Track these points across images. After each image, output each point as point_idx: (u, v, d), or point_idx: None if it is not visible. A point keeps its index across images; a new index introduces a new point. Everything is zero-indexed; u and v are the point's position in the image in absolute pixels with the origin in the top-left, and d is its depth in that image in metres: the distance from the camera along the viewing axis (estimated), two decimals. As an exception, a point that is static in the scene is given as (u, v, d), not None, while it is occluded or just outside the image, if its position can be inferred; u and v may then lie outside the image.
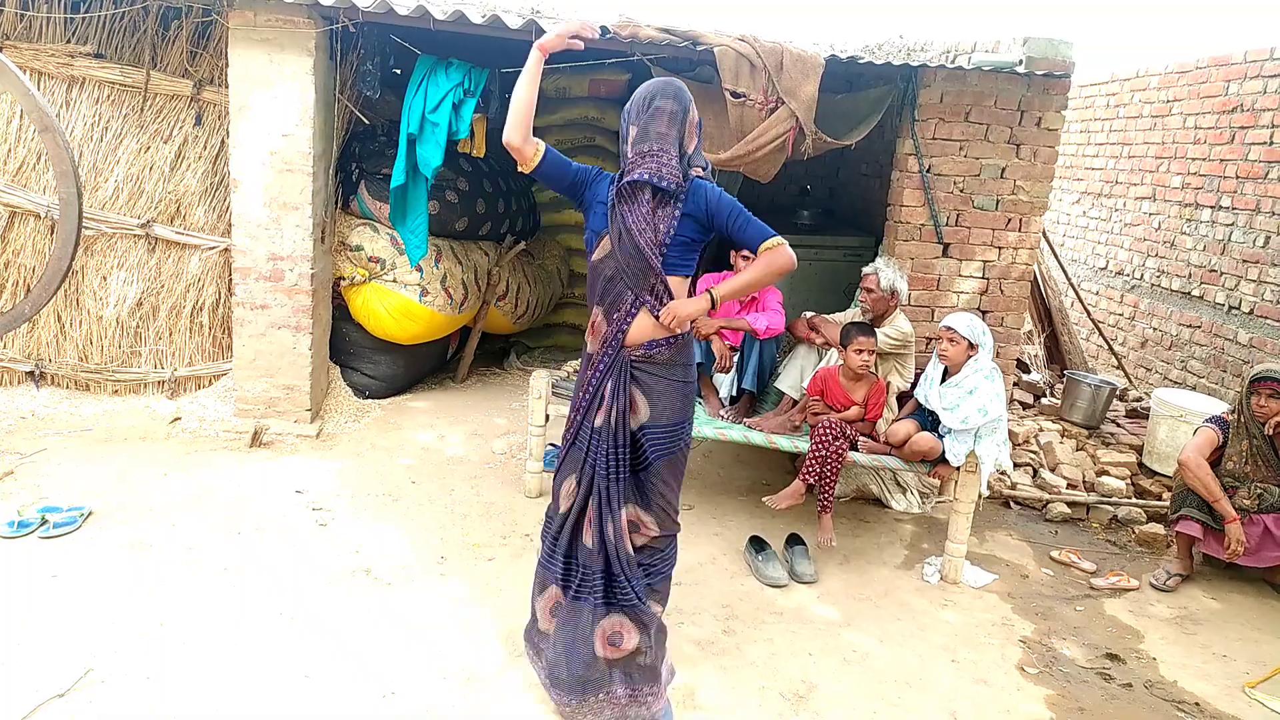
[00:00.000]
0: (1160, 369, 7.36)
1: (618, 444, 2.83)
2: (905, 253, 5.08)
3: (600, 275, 2.86)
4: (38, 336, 5.19)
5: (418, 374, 6.12)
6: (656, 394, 2.85)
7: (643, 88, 2.81)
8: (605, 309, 2.86)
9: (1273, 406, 4.19)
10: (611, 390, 2.83)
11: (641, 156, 2.75)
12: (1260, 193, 6.33)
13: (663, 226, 2.77)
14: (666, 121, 2.75)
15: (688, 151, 2.81)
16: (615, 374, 2.84)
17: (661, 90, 2.78)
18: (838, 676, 3.29)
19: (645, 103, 2.77)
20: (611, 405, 2.83)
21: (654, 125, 2.75)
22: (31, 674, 2.86)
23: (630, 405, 2.84)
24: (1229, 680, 3.55)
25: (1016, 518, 4.95)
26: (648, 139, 2.75)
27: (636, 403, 2.84)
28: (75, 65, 4.93)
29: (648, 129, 2.75)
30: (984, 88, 4.92)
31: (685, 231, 2.79)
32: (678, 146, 2.77)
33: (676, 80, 2.82)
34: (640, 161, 2.75)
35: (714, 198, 2.80)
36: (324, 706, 2.85)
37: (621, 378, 2.83)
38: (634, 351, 2.83)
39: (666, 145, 2.75)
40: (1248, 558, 4.19)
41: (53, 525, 3.75)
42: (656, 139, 2.74)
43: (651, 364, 2.84)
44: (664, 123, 2.75)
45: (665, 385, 2.86)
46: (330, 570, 3.68)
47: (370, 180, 5.42)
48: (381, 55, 5.30)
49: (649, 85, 2.81)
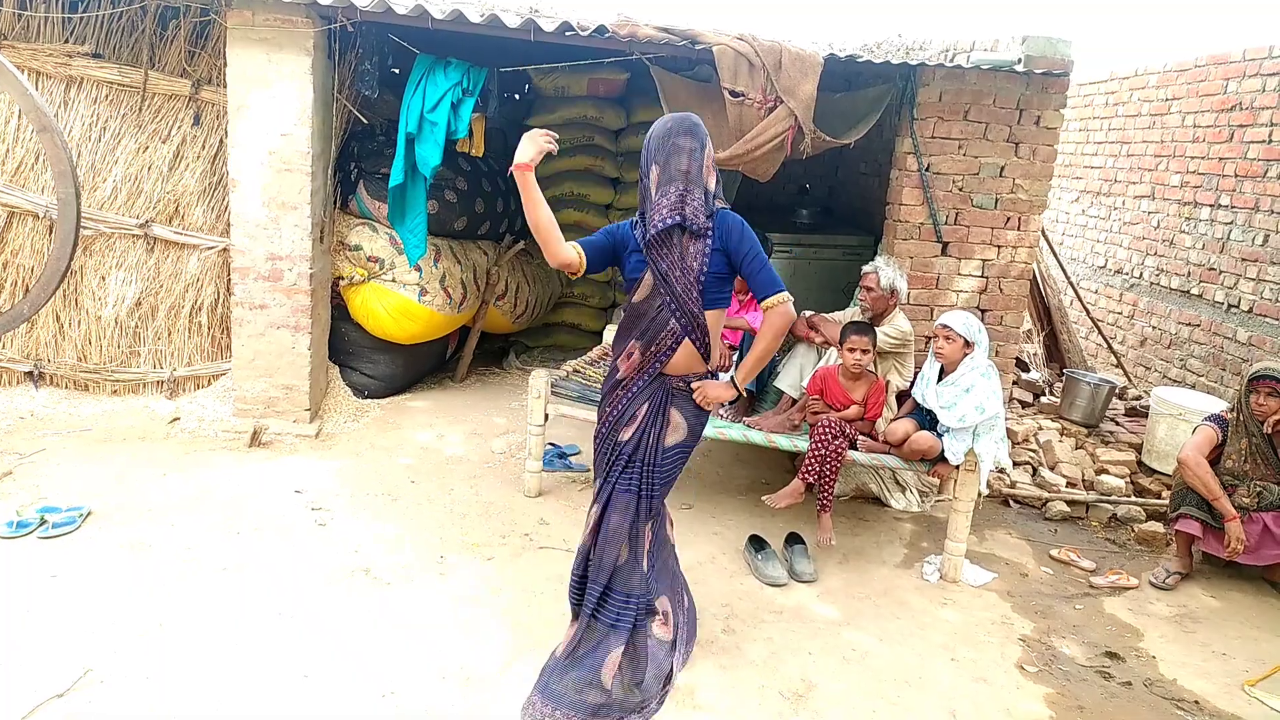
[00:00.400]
0: (1159, 367, 7.36)
1: (647, 461, 2.98)
2: (904, 251, 5.08)
3: (642, 315, 2.93)
4: (36, 336, 5.19)
5: (417, 374, 6.11)
6: (689, 412, 3.02)
7: (659, 124, 2.83)
8: (644, 344, 2.95)
9: (1271, 405, 4.19)
10: (648, 411, 2.97)
11: (667, 198, 2.78)
12: (1259, 191, 6.33)
13: (695, 265, 2.84)
14: (687, 159, 2.78)
15: (709, 186, 2.83)
16: (651, 397, 2.98)
17: (678, 126, 2.80)
18: (837, 675, 3.29)
19: (664, 139, 2.78)
20: (647, 425, 2.96)
21: (675, 163, 2.77)
22: (31, 674, 2.86)
23: (667, 424, 2.98)
24: (1228, 678, 3.54)
25: (1016, 516, 4.95)
26: (672, 180, 2.78)
27: (674, 421, 2.99)
28: (73, 65, 4.92)
29: (669, 167, 2.78)
30: (983, 86, 4.92)
31: (717, 266, 2.87)
32: (701, 183, 2.80)
33: (692, 115, 2.83)
34: (666, 204, 2.78)
35: (736, 232, 2.86)
36: (323, 706, 2.85)
37: (662, 400, 2.98)
38: (675, 381, 2.99)
39: (691, 185, 2.78)
40: (1247, 556, 4.19)
41: (52, 525, 3.74)
42: (681, 178, 2.77)
43: (689, 390, 3.02)
44: (685, 160, 2.77)
45: (698, 407, 3.05)
46: (329, 570, 3.68)
47: (369, 180, 5.42)
48: (380, 54, 5.30)
49: (666, 122, 2.82)
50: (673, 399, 2.99)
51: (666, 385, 2.98)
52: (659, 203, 2.79)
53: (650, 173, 2.82)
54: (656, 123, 2.84)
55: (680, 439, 3.02)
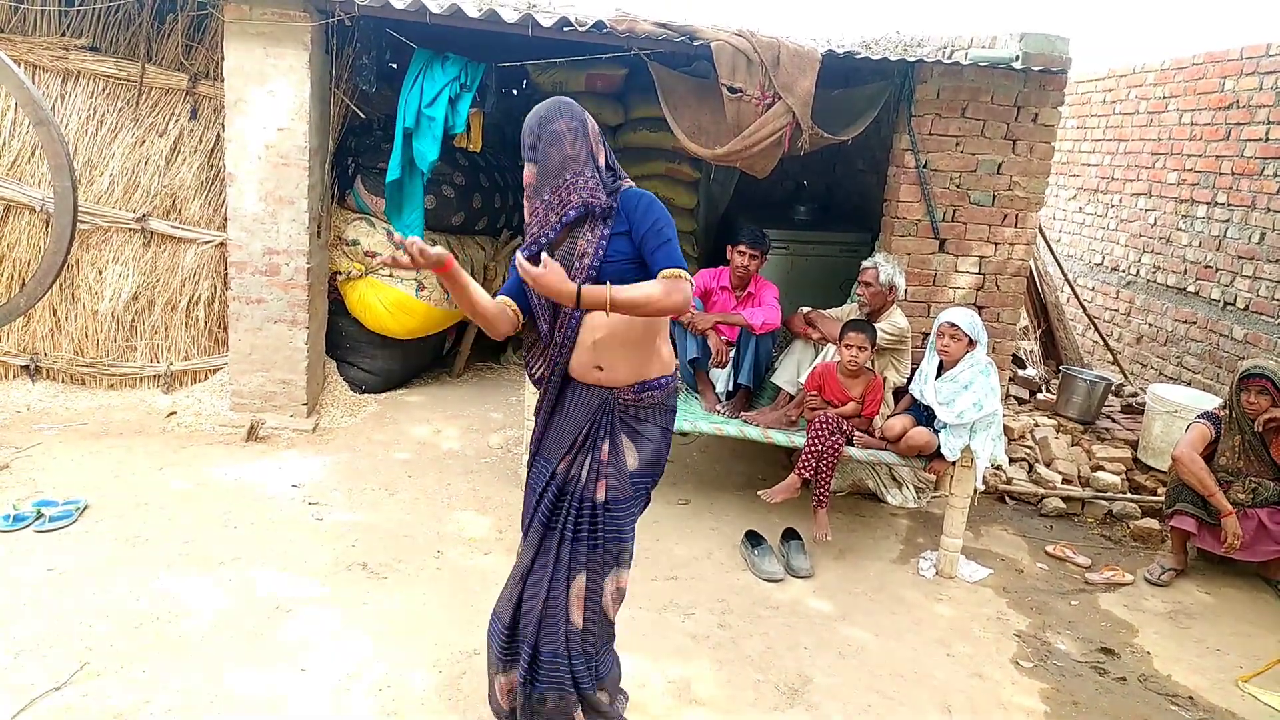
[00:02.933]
0: (1156, 365, 7.38)
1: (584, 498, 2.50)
2: (901, 248, 5.08)
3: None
4: (33, 330, 5.18)
5: (414, 368, 6.11)
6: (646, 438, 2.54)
7: (529, 117, 2.38)
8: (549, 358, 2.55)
9: (1262, 403, 4.21)
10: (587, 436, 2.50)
11: (545, 201, 2.35)
12: (1255, 189, 6.34)
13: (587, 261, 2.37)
14: (570, 141, 2.33)
15: (600, 163, 2.39)
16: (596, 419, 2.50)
17: (552, 111, 2.36)
18: (833, 670, 3.30)
19: (537, 130, 2.35)
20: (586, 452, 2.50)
21: (556, 151, 2.33)
22: (28, 668, 2.86)
23: (616, 453, 2.50)
24: (1222, 674, 3.56)
25: (1012, 512, 4.96)
26: (551, 176, 2.34)
27: (623, 451, 2.51)
28: (70, 58, 4.91)
29: (549, 161, 2.34)
30: (980, 83, 4.92)
31: (620, 251, 2.39)
32: (591, 162, 2.36)
33: (563, 98, 2.41)
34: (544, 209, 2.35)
35: (642, 208, 2.40)
36: (320, 699, 2.85)
37: (606, 422, 2.50)
38: (623, 394, 2.49)
39: (580, 167, 2.34)
40: (1242, 552, 4.21)
41: (48, 519, 3.74)
42: (566, 164, 2.33)
43: (640, 408, 2.52)
44: (567, 143, 2.33)
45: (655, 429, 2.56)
46: (326, 564, 3.69)
47: (366, 174, 5.41)
48: (377, 49, 5.30)
49: (535, 112, 2.38)
50: (623, 423, 2.51)
51: (611, 403, 2.49)
52: (535, 211, 2.37)
53: (528, 176, 2.39)
54: (526, 119, 2.39)
55: (635, 468, 2.52)
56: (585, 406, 2.50)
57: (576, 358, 2.48)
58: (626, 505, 2.51)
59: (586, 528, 2.49)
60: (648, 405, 2.52)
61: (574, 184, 2.33)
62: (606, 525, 2.50)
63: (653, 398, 2.52)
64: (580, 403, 2.51)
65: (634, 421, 2.52)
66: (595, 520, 2.49)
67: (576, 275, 2.34)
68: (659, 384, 2.53)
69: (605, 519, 2.49)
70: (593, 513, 2.49)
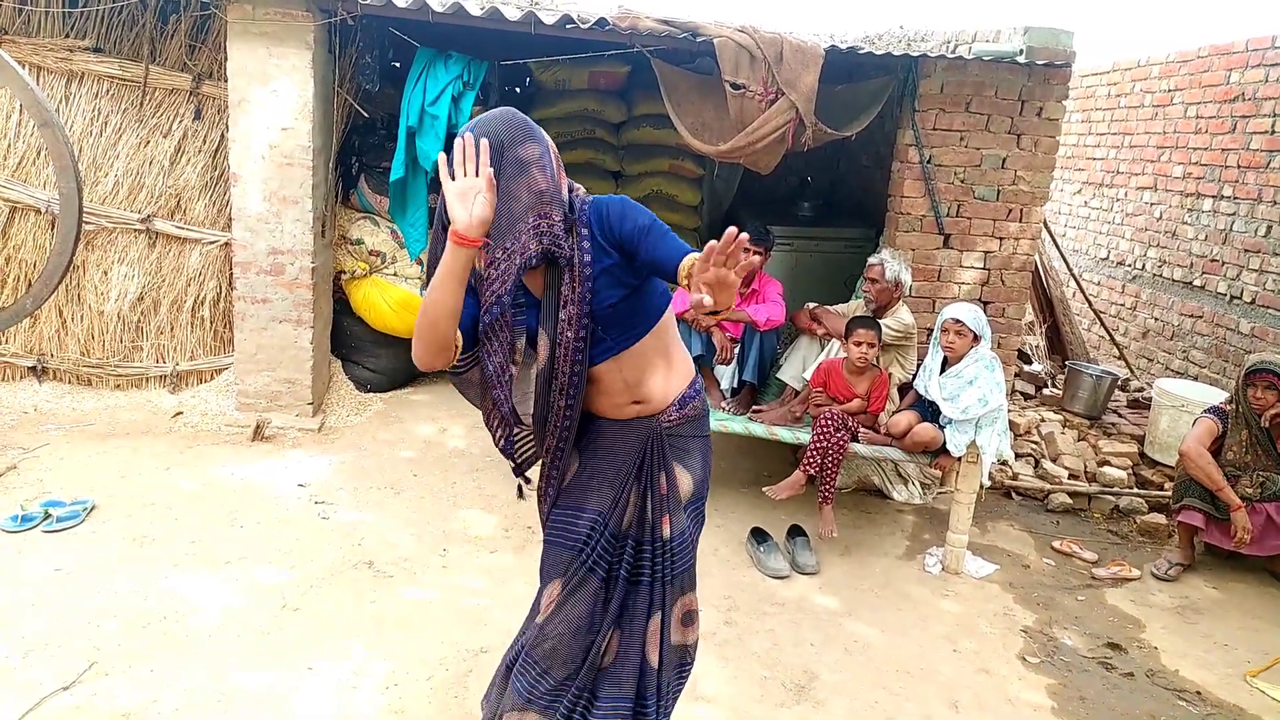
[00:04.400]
0: (1162, 359, 7.36)
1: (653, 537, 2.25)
2: (906, 244, 5.07)
3: None
4: (39, 331, 5.19)
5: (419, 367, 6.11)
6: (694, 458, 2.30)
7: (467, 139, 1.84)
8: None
9: (1269, 398, 4.19)
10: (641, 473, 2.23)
11: (509, 252, 1.86)
12: (1262, 182, 6.32)
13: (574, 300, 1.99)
14: (540, 174, 1.87)
15: (564, 195, 1.95)
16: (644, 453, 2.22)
17: (509, 132, 1.86)
18: (839, 666, 3.30)
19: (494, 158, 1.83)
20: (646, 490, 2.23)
21: (525, 186, 1.85)
22: (36, 667, 2.87)
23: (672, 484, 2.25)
24: (1230, 669, 3.55)
25: (1018, 508, 4.96)
26: (520, 214, 1.86)
27: (678, 481, 2.26)
28: (74, 60, 4.93)
29: (514, 195, 1.85)
30: (985, 78, 4.91)
31: (612, 286, 2.02)
32: (560, 198, 1.93)
33: (509, 109, 1.93)
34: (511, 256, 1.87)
35: (614, 216, 1.98)
36: (327, 698, 2.86)
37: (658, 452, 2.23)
38: (666, 418, 2.22)
39: (553, 208, 1.89)
40: (1250, 546, 4.19)
41: (56, 519, 3.76)
42: (539, 202, 1.87)
43: (688, 422, 2.28)
44: (539, 176, 1.87)
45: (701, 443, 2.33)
46: (333, 563, 3.69)
47: (370, 174, 5.42)
48: (380, 48, 5.30)
49: (482, 133, 1.84)
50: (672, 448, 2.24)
51: (658, 430, 2.22)
52: (494, 262, 1.88)
53: None
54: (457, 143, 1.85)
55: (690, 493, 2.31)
56: (626, 444, 2.21)
57: (605, 400, 2.18)
58: (690, 535, 2.32)
59: (649, 567, 2.23)
60: (693, 417, 2.28)
61: (541, 228, 1.88)
62: (675, 560, 2.26)
63: (696, 408, 2.28)
64: (619, 441, 2.21)
65: (680, 443, 2.25)
66: (660, 558, 2.24)
67: (565, 327, 1.98)
68: (695, 391, 2.28)
69: (673, 555, 2.25)
70: (657, 551, 2.24)
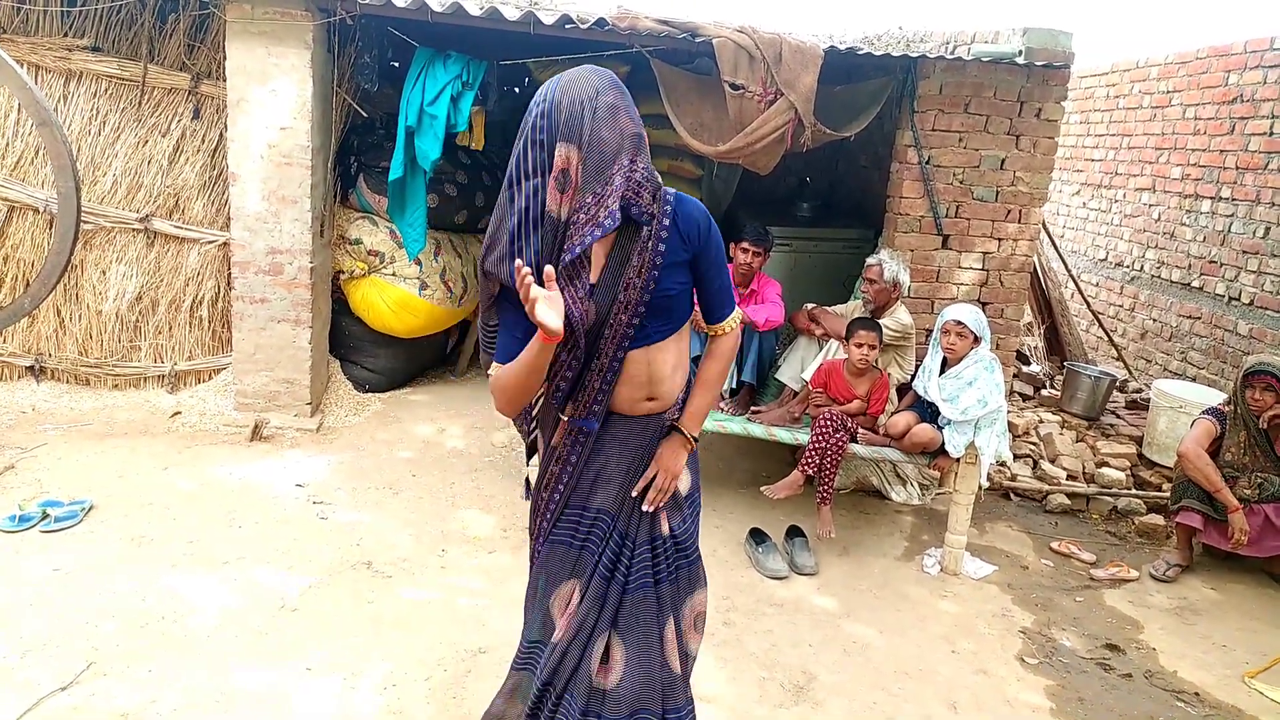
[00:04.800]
0: (1160, 360, 7.36)
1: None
2: (905, 244, 5.07)
3: None
4: (37, 331, 5.19)
5: (417, 367, 6.12)
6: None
7: (560, 91, 1.88)
8: None
9: (1267, 400, 4.19)
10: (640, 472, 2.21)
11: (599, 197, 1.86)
12: (1260, 183, 6.32)
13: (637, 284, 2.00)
14: (627, 119, 1.90)
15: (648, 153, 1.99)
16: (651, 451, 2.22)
17: (598, 81, 1.90)
18: (837, 667, 3.30)
19: (584, 103, 1.86)
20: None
21: (613, 130, 1.87)
22: (34, 667, 2.87)
23: None
24: (1228, 670, 3.55)
25: (1016, 509, 4.96)
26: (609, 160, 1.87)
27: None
28: (72, 59, 4.92)
29: (605, 140, 1.86)
30: (983, 79, 4.91)
31: (676, 282, 2.06)
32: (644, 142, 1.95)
33: (593, 66, 1.98)
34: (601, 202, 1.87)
35: (695, 226, 2.04)
36: (325, 698, 2.86)
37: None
38: (673, 414, 2.25)
39: (641, 155, 1.92)
40: (1248, 547, 4.20)
41: (54, 519, 3.75)
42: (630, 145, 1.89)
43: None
44: (626, 121, 1.90)
45: None
46: (331, 563, 3.69)
47: (369, 173, 5.42)
48: (379, 48, 5.30)
49: (573, 84, 1.89)
50: None
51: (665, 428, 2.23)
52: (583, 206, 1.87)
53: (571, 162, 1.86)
54: (555, 90, 1.89)
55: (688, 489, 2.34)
56: (638, 440, 2.18)
57: (624, 392, 2.12)
58: (691, 528, 2.31)
59: (652, 566, 2.21)
60: None
61: (631, 171, 1.89)
62: (681, 554, 2.26)
63: None
64: (631, 437, 2.17)
65: None
66: (665, 556, 2.22)
67: (620, 309, 1.99)
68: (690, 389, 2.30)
69: (680, 549, 2.25)
70: (660, 549, 2.22)
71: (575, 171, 1.87)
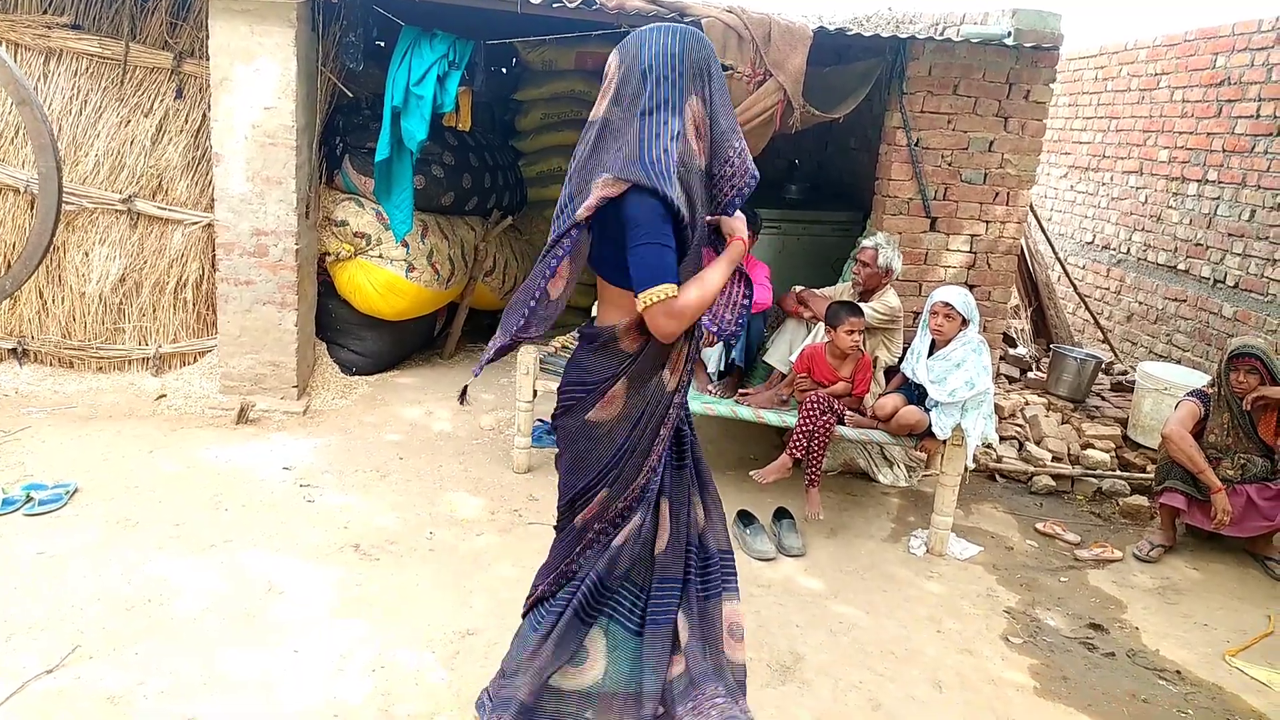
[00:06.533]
0: (1145, 343, 7.41)
1: None
2: (893, 227, 5.07)
3: None
4: (20, 313, 5.13)
5: (405, 350, 6.09)
6: None
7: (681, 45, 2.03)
8: None
9: (1250, 382, 4.23)
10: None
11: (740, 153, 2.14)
12: (1246, 166, 6.35)
13: None
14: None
15: None
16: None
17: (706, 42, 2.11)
18: (824, 647, 3.32)
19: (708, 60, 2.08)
20: None
21: (723, 95, 2.12)
22: (19, 651, 2.86)
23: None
24: (1210, 648, 3.60)
25: (1002, 490, 4.99)
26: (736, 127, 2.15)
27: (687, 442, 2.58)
28: (52, 37, 4.85)
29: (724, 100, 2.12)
30: (972, 60, 4.90)
31: None
32: None
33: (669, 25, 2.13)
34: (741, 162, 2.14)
35: None
36: (313, 681, 2.86)
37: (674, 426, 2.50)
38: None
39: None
40: (1231, 528, 4.24)
41: (38, 502, 3.73)
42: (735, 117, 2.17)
43: None
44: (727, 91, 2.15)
45: None
46: (318, 546, 3.68)
47: (355, 154, 5.37)
48: (365, 26, 5.23)
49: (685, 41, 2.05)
50: None
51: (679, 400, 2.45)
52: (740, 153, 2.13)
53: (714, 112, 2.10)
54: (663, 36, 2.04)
55: None
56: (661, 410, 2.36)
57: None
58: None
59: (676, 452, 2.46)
60: None
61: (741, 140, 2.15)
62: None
63: None
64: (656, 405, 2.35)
65: None
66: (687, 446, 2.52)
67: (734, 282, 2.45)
68: None
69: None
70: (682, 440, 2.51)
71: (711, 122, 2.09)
